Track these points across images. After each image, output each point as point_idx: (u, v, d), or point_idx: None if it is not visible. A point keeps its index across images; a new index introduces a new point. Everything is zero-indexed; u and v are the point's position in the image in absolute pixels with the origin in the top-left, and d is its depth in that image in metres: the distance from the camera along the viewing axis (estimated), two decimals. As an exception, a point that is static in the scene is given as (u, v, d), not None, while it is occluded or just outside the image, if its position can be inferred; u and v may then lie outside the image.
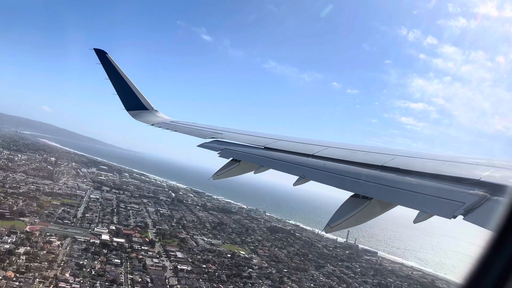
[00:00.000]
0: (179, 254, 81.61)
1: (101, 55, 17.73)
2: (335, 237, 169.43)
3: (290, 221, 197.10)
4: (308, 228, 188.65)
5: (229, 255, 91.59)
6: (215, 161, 11.05)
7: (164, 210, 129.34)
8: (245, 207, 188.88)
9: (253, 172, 10.02)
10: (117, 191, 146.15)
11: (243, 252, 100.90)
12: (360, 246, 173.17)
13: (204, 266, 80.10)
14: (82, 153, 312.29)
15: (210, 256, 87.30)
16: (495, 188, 5.58)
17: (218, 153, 11.09)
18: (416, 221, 5.83)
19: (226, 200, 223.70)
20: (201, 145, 12.29)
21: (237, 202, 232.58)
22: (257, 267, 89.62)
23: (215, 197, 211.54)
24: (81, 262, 68.16)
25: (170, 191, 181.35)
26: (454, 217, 5.29)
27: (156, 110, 18.65)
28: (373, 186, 7.15)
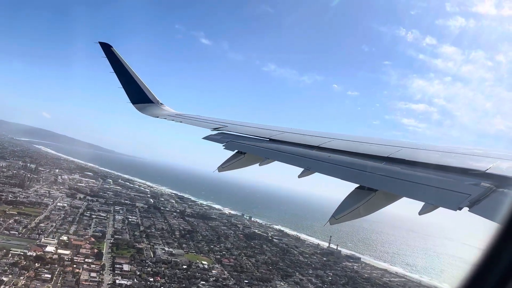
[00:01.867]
0: (126, 267, 75.96)
1: (106, 48, 17.46)
2: (316, 243, 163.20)
3: (275, 226, 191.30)
4: (292, 233, 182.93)
5: (185, 266, 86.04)
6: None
7: (134, 218, 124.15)
8: (227, 212, 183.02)
9: (258, 164, 9.90)
10: (91, 198, 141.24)
11: (205, 262, 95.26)
12: (344, 251, 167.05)
13: (151, 279, 74.58)
14: (73, 159, 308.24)
15: (163, 268, 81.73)
16: (501, 180, 5.50)
17: (223, 145, 10.97)
18: (421, 212, 5.76)
19: (215, 206, 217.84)
20: (206, 137, 12.15)
21: (225, 207, 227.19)
22: (213, 278, 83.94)
23: (199, 202, 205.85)
24: (2, 278, 62.61)
25: (150, 198, 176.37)
26: (460, 208, 5.22)
27: (161, 103, 18.45)
28: (378, 177, 7.09)
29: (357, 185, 7.05)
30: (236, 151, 10.46)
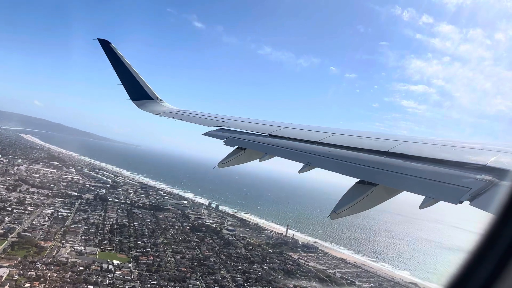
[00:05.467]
0: (2, 271, 67.75)
1: (105, 45, 17.36)
2: (280, 232, 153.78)
3: (243, 215, 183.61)
4: (258, 221, 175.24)
5: (81, 268, 77.80)
6: (220, 152, 10.05)
7: (66, 212, 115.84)
8: (185, 202, 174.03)
9: (258, 160, 9.84)
10: (32, 190, 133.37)
11: (117, 261, 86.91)
12: (308, 239, 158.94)
13: (28, 285, 66.49)
14: (54, 147, 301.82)
15: (52, 271, 73.63)
16: (502, 173, 5.44)
17: (223, 141, 10.95)
18: (422, 206, 5.70)
19: (186, 195, 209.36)
20: (206, 134, 12.16)
21: (197, 195, 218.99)
22: (111, 281, 75.77)
23: (166, 191, 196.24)
24: None
25: (107, 188, 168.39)
26: (461, 202, 5.19)
27: (161, 100, 18.26)
28: (379, 172, 7.01)
29: (358, 180, 6.99)
30: (236, 147, 10.40)
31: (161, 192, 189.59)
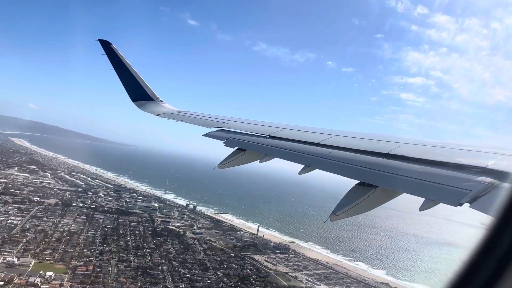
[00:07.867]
0: None
1: (106, 45, 17.03)
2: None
3: (219, 216, 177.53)
4: (235, 222, 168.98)
5: (1, 283, 71.95)
6: (221, 153, 9.32)
7: (18, 219, 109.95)
8: (156, 205, 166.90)
9: (258, 161, 9.62)
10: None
11: (52, 273, 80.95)
12: (279, 239, 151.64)
13: None
14: (40, 151, 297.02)
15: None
16: (501, 176, 5.39)
17: (223, 142, 10.78)
18: (421, 208, 5.69)
19: (166, 196, 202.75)
20: (206, 135, 12.00)
21: (179, 196, 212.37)
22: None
23: (137, 193, 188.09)
24: None
25: (77, 191, 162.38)
26: (460, 204, 5.14)
27: (161, 101, 18.06)
28: (379, 174, 6.93)
29: (358, 181, 6.92)
30: (236, 148, 10.20)
31: (135, 194, 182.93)
